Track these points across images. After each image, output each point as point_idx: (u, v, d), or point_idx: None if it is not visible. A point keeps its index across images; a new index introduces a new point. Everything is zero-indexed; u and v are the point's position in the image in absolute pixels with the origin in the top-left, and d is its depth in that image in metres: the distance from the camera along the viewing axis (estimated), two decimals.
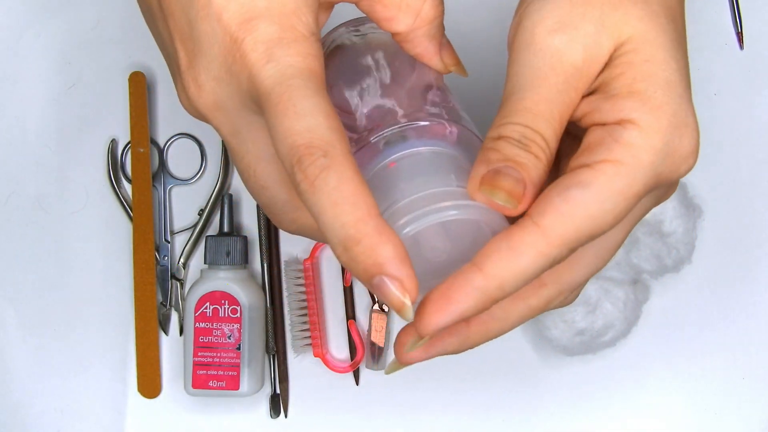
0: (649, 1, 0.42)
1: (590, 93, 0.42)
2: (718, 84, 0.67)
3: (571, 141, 0.42)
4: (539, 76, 0.41)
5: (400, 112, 0.44)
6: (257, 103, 0.40)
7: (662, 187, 0.43)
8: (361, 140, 0.44)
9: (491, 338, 0.44)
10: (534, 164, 0.40)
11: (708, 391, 0.67)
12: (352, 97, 0.46)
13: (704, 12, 0.67)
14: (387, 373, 0.45)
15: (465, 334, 0.44)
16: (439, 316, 0.38)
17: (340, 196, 0.36)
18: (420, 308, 0.39)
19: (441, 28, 0.47)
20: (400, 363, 0.43)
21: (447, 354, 0.44)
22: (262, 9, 0.40)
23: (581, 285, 0.45)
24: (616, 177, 0.39)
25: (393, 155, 0.43)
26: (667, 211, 0.62)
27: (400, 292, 0.36)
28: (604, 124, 0.41)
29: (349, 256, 0.36)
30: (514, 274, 0.38)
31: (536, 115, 0.40)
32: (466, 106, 0.48)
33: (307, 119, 0.37)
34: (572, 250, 0.39)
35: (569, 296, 0.45)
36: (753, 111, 0.67)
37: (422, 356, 0.43)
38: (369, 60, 0.48)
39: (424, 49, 0.46)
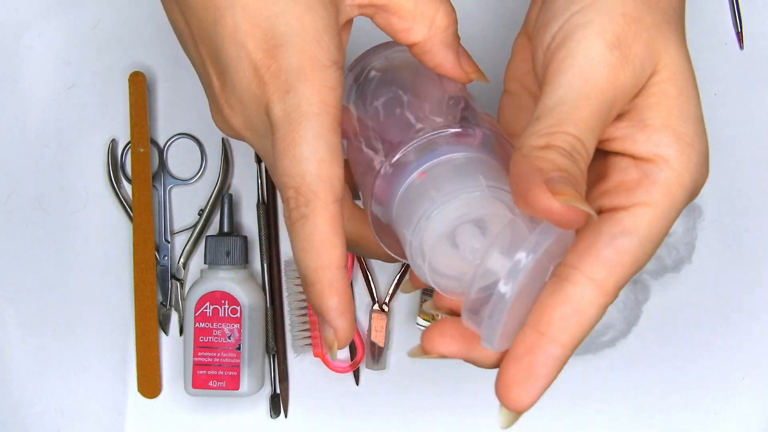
0: (678, 27, 0.43)
1: (618, 117, 0.42)
2: (718, 84, 0.67)
3: None
4: (596, 90, 0.40)
5: (429, 125, 0.44)
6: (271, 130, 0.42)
7: None
8: (389, 158, 0.44)
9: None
10: (580, 180, 0.39)
11: (708, 391, 0.67)
12: (379, 117, 0.47)
13: (704, 12, 0.67)
14: (411, 355, 0.45)
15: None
16: (530, 394, 0.41)
17: (308, 244, 0.41)
18: (506, 388, 0.41)
19: (456, 36, 0.47)
20: (427, 355, 0.44)
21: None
22: (285, 36, 0.42)
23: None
24: (655, 221, 0.41)
25: (421, 167, 0.43)
26: None
27: (332, 335, 0.42)
28: (634, 157, 0.41)
29: (305, 289, 0.42)
30: (584, 334, 0.41)
31: (589, 129, 0.40)
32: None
33: (302, 165, 0.41)
34: (617, 294, 0.41)
35: None
36: (753, 111, 0.67)
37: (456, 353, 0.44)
38: (394, 80, 0.49)
39: (443, 58, 0.47)
